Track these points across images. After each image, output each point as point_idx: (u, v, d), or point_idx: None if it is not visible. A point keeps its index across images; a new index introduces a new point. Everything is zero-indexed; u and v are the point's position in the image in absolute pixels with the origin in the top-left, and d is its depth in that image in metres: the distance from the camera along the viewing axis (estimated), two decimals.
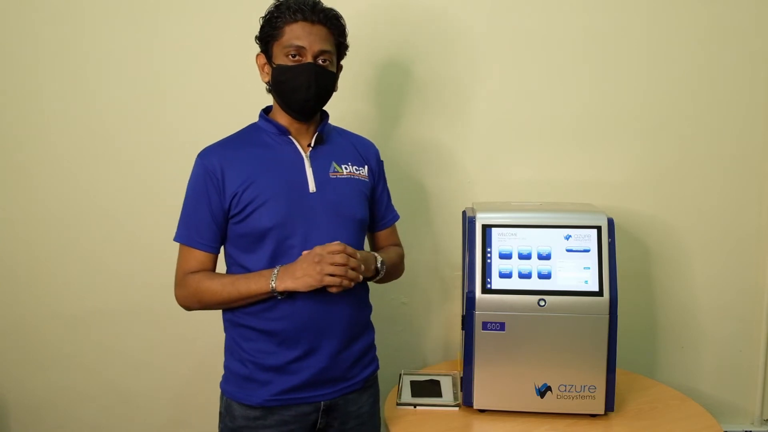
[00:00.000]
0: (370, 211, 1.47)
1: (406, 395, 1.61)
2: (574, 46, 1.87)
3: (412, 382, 1.68)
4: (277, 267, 1.29)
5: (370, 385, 1.46)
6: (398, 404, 1.57)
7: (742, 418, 2.02)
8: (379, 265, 1.39)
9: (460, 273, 1.64)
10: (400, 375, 1.73)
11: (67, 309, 1.95)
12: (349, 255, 1.27)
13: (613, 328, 1.46)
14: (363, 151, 1.48)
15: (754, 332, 1.97)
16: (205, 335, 1.93)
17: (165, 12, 1.85)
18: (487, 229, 1.51)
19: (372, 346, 1.48)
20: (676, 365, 1.99)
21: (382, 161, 1.53)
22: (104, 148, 1.90)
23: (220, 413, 1.41)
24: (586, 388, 1.47)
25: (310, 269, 1.25)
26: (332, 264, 1.24)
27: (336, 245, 1.27)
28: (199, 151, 1.36)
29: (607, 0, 1.86)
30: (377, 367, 1.49)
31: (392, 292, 1.94)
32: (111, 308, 1.95)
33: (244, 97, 1.82)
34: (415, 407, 1.56)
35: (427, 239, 1.95)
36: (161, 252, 1.88)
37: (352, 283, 1.28)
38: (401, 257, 1.55)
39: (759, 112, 1.89)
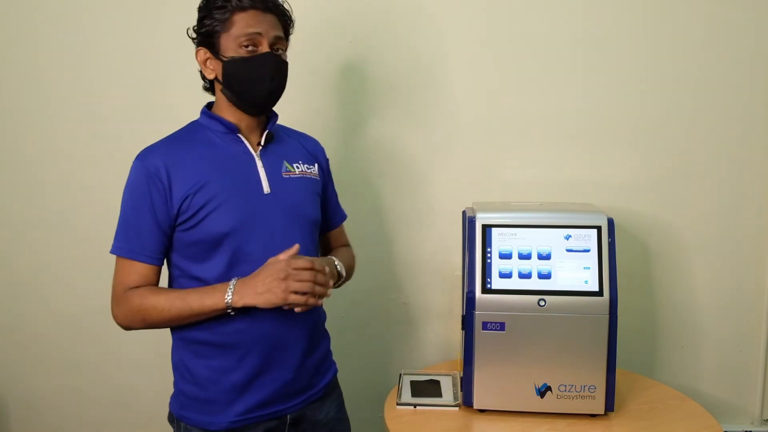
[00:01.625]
0: (321, 211, 1.40)
1: (406, 395, 1.61)
2: (574, 46, 1.87)
3: (412, 382, 1.68)
4: (234, 279, 1.19)
5: (332, 390, 1.42)
6: (398, 404, 1.57)
7: (742, 418, 2.02)
8: (339, 269, 1.34)
9: (460, 273, 1.64)
10: (400, 375, 1.72)
11: (67, 309, 1.96)
12: (318, 271, 1.18)
13: (613, 328, 1.46)
14: (311, 149, 1.41)
15: (754, 332, 1.97)
16: None
17: (167, 11, 1.85)
18: (487, 229, 1.51)
19: (329, 352, 1.43)
20: (676, 365, 1.99)
21: (328, 159, 1.47)
22: (105, 148, 1.90)
23: None
24: (586, 388, 1.47)
25: (274, 285, 1.14)
26: (299, 281, 1.15)
27: (303, 261, 1.17)
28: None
29: (606, 0, 1.86)
30: (335, 371, 1.44)
31: (392, 292, 1.95)
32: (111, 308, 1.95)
33: None
34: (415, 407, 1.56)
35: (427, 239, 1.95)
36: None
37: (320, 301, 1.19)
38: (354, 258, 1.50)
39: (759, 112, 1.89)
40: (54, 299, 1.95)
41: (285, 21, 1.28)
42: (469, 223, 1.53)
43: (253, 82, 1.23)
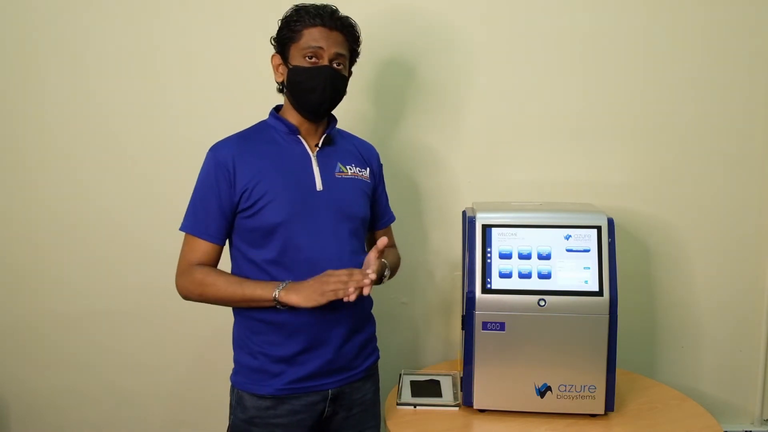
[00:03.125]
0: (370, 211, 1.51)
1: (406, 395, 1.61)
2: (574, 47, 1.87)
3: (412, 382, 1.68)
4: (287, 281, 1.32)
5: (372, 374, 1.51)
6: (398, 404, 1.57)
7: (742, 418, 2.02)
8: (386, 273, 1.44)
9: (460, 273, 1.64)
10: (400, 375, 1.73)
11: (67, 309, 1.96)
12: (353, 272, 1.28)
13: (613, 328, 1.46)
14: (365, 153, 1.53)
15: (754, 332, 1.97)
16: (204, 334, 1.94)
17: (166, 11, 1.85)
18: (487, 229, 1.51)
19: (373, 338, 1.53)
20: (676, 365, 1.99)
21: (381, 164, 1.58)
22: (105, 148, 1.90)
23: (231, 405, 1.44)
24: (586, 388, 1.47)
25: (316, 285, 1.27)
26: (335, 281, 1.26)
27: (345, 272, 1.28)
28: (210, 146, 1.39)
29: (607, 0, 1.86)
30: (378, 357, 1.53)
31: (392, 292, 1.95)
32: (111, 308, 1.95)
33: (245, 96, 1.83)
34: (415, 407, 1.56)
35: (427, 239, 1.95)
36: (162, 252, 1.88)
37: (357, 292, 1.26)
38: (399, 259, 1.61)
39: (759, 112, 1.89)
40: (54, 299, 1.95)
41: (351, 40, 1.41)
42: (469, 223, 1.53)
43: (308, 90, 1.36)
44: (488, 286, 1.48)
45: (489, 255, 1.49)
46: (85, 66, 1.87)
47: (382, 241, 1.31)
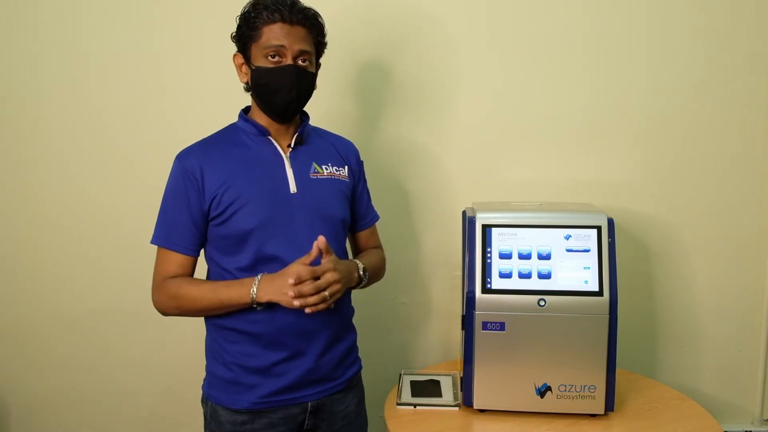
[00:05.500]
0: (351, 212, 1.46)
1: (406, 395, 1.61)
2: (575, 47, 1.87)
3: (412, 382, 1.68)
4: (260, 275, 1.26)
5: (354, 384, 1.47)
6: (398, 404, 1.57)
7: (742, 418, 2.02)
8: (361, 273, 1.38)
9: (460, 273, 1.64)
10: (400, 375, 1.72)
11: (67, 309, 1.96)
12: (321, 283, 1.21)
13: (613, 328, 1.46)
14: (343, 151, 1.46)
15: (754, 332, 1.97)
16: (204, 335, 1.93)
17: (164, 11, 1.85)
18: (487, 229, 1.51)
19: (354, 347, 1.48)
20: (676, 365, 1.99)
21: (362, 161, 1.52)
22: (104, 148, 1.90)
23: (205, 418, 1.39)
24: (586, 388, 1.47)
25: (285, 289, 1.20)
26: (308, 287, 1.20)
27: (308, 271, 1.21)
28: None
29: (607, 0, 1.86)
30: (360, 367, 1.49)
31: (392, 292, 1.95)
32: (111, 308, 1.95)
33: (245, 97, 1.83)
34: (415, 407, 1.55)
35: (427, 239, 1.95)
36: None
37: (321, 306, 1.22)
38: (383, 261, 1.55)
39: (759, 112, 1.89)
40: (54, 299, 1.95)
41: (315, 33, 1.33)
42: (469, 223, 1.53)
43: (273, 91, 1.30)
44: (488, 286, 1.48)
45: (489, 255, 1.49)
46: (85, 67, 1.86)
47: (321, 241, 1.23)
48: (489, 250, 1.50)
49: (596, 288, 1.46)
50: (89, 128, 1.89)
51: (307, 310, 1.21)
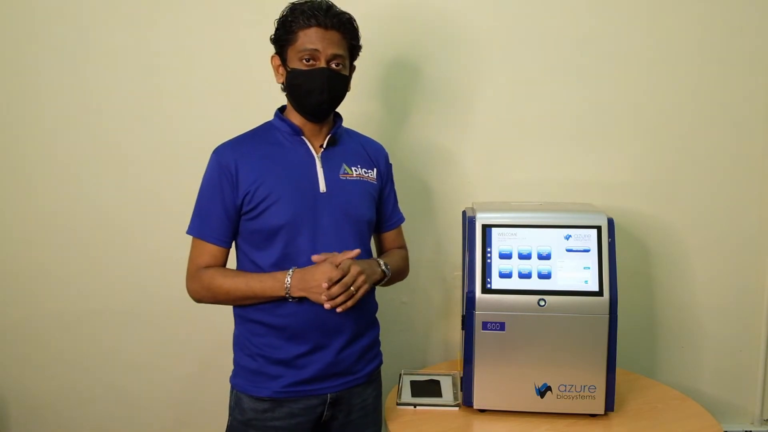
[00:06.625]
0: (377, 213, 1.50)
1: (406, 395, 1.61)
2: (575, 47, 1.87)
3: (412, 382, 1.68)
4: (291, 269, 1.32)
5: (374, 378, 1.50)
6: (398, 404, 1.57)
7: (742, 418, 2.02)
8: (384, 268, 1.42)
9: (460, 273, 1.64)
10: (400, 375, 1.72)
11: (67, 309, 1.95)
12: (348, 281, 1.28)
13: (613, 328, 1.46)
14: (373, 153, 1.51)
15: (754, 332, 1.97)
16: (205, 335, 1.94)
17: (165, 11, 1.85)
18: (487, 229, 1.51)
19: (376, 342, 1.52)
20: (676, 365, 1.99)
21: (390, 164, 1.56)
22: (104, 149, 1.90)
23: (230, 407, 1.44)
24: (586, 388, 1.47)
25: (316, 287, 1.27)
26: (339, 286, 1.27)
27: (338, 272, 1.27)
28: (213, 148, 1.38)
29: (607, 0, 1.86)
30: (381, 362, 1.52)
31: (392, 292, 1.93)
32: (111, 308, 1.95)
33: (245, 97, 1.83)
34: (415, 407, 1.56)
35: (427, 239, 1.95)
36: (161, 252, 1.89)
37: (349, 304, 1.29)
38: (406, 260, 1.59)
39: (759, 112, 1.89)
40: (54, 299, 1.95)
41: (349, 37, 1.38)
42: (469, 223, 1.53)
43: (306, 93, 1.35)
44: (488, 286, 1.48)
45: (489, 255, 1.49)
46: (85, 67, 1.86)
47: (354, 254, 1.31)
48: (489, 250, 1.50)
49: (596, 288, 1.46)
50: (89, 128, 1.89)
51: (339, 309, 1.28)
